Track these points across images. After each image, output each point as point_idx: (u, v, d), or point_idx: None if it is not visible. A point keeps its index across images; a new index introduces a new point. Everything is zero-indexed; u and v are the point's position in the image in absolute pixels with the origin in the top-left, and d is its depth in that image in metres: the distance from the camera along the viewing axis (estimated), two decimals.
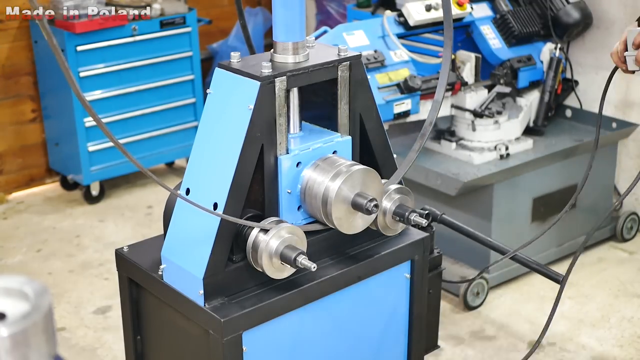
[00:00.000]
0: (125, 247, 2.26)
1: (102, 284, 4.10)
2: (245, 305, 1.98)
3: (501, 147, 3.89)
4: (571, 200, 2.66)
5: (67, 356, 3.50)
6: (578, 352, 3.54)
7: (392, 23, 3.81)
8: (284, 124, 2.00)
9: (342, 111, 2.12)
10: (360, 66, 2.12)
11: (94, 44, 4.75)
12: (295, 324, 2.10)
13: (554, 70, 4.08)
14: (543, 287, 4.00)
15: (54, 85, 4.91)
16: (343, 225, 2.04)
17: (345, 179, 1.99)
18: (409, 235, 2.32)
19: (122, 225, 4.75)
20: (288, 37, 2.03)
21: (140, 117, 5.05)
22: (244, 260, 2.03)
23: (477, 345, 3.58)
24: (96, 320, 3.79)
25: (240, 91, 1.97)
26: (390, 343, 2.36)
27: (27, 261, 4.36)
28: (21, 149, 5.16)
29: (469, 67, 3.91)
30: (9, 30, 4.95)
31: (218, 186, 1.88)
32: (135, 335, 2.28)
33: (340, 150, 2.13)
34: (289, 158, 2.03)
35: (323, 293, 2.13)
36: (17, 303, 0.93)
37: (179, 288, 2.04)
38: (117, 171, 5.06)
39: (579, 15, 4.12)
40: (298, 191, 2.06)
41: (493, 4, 4.16)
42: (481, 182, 3.74)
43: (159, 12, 4.99)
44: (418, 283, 2.34)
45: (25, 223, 4.81)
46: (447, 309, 3.81)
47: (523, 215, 3.96)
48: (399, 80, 3.65)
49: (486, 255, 3.86)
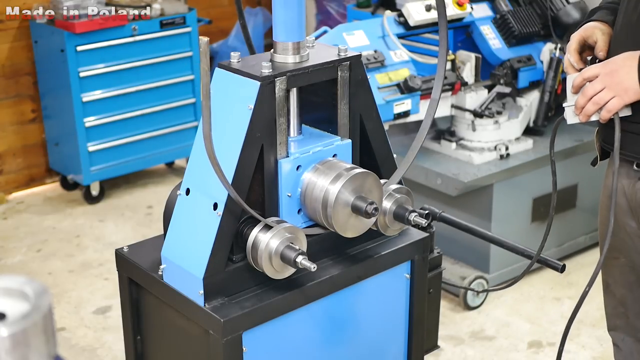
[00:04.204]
0: (125, 247, 2.26)
1: (102, 284, 4.10)
2: (245, 305, 1.98)
3: (501, 147, 3.89)
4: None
5: (67, 356, 3.50)
6: (578, 352, 3.54)
7: (392, 23, 3.81)
8: (284, 124, 2.00)
9: (342, 111, 2.12)
10: (360, 66, 2.12)
11: (94, 44, 4.75)
12: (295, 324, 2.10)
13: (554, 70, 4.08)
14: (543, 287, 4.00)
15: (54, 85, 4.91)
16: (343, 229, 2.04)
17: (345, 182, 1.99)
18: (409, 235, 2.32)
19: (122, 225, 4.76)
20: (288, 37, 2.03)
21: (140, 117, 5.06)
22: (244, 260, 2.03)
23: (477, 345, 3.58)
24: (96, 320, 3.79)
25: (240, 91, 1.97)
26: (390, 343, 2.36)
27: (27, 261, 4.36)
28: (21, 149, 5.17)
29: (469, 67, 3.91)
30: (9, 30, 4.95)
31: (218, 186, 1.88)
32: (135, 335, 2.28)
33: (340, 153, 2.13)
34: (289, 161, 2.03)
35: (323, 293, 2.13)
36: (17, 303, 0.93)
37: (179, 288, 2.04)
38: (117, 171, 5.06)
39: (579, 15, 4.12)
40: (298, 194, 2.06)
41: (493, 4, 4.16)
42: (481, 182, 3.74)
43: (159, 12, 4.99)
44: (418, 283, 2.34)
45: (25, 223, 4.81)
46: (447, 309, 3.81)
47: (523, 215, 3.96)
48: (399, 80, 3.65)
49: (486, 255, 3.86)
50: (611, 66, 2.01)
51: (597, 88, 2.02)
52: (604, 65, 2.03)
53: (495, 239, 2.69)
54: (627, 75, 1.97)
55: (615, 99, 2.00)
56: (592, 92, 2.03)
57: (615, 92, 1.99)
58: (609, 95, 2.01)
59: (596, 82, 2.02)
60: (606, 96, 2.01)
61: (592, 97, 2.03)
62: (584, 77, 2.06)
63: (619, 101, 2.00)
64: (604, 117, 2.04)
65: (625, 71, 1.98)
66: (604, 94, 2.01)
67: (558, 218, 4.06)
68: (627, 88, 1.98)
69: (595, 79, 2.03)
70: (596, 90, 2.02)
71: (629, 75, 1.97)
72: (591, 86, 2.03)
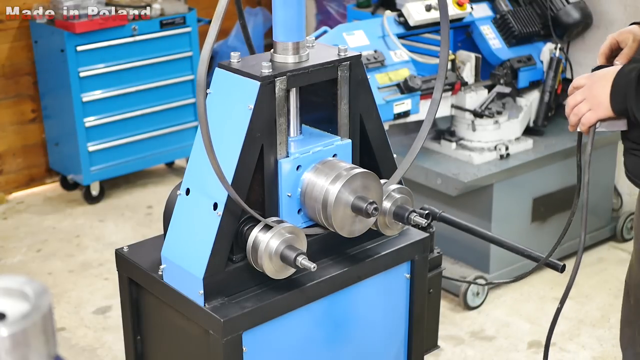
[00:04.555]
0: (125, 247, 2.26)
1: (102, 284, 4.10)
2: (245, 305, 1.98)
3: (501, 147, 3.89)
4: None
5: (67, 356, 3.50)
6: (578, 352, 3.54)
7: (392, 23, 3.81)
8: (284, 124, 2.00)
9: (342, 111, 2.12)
10: (360, 66, 2.12)
11: (94, 44, 4.75)
12: (295, 324, 2.10)
13: (554, 70, 4.08)
14: (543, 287, 4.00)
15: (54, 85, 4.91)
16: (343, 229, 2.04)
17: (345, 182, 1.99)
18: (408, 235, 2.32)
19: (122, 225, 4.76)
20: (288, 37, 2.03)
21: (140, 117, 5.06)
22: (244, 260, 2.03)
23: (477, 345, 3.58)
24: (96, 320, 3.79)
25: (240, 91, 1.97)
26: (390, 343, 2.36)
27: (27, 261, 4.36)
28: (21, 149, 5.17)
29: (469, 67, 3.91)
30: (9, 30, 4.95)
31: (218, 186, 1.88)
32: (135, 335, 2.28)
33: (340, 153, 2.13)
34: (289, 161, 2.03)
35: (323, 293, 2.13)
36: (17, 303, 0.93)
37: (179, 288, 2.04)
38: (117, 171, 5.06)
39: (579, 15, 4.12)
40: (298, 194, 2.06)
41: (493, 4, 4.16)
42: (481, 182, 3.75)
43: (159, 12, 4.99)
44: (418, 283, 2.34)
45: (25, 223, 4.81)
46: (447, 309, 3.81)
47: (523, 215, 3.96)
48: (399, 80, 3.65)
49: (486, 255, 3.86)
50: (593, 78, 1.97)
51: (577, 99, 1.98)
52: (589, 77, 1.99)
53: (495, 239, 2.69)
54: (601, 90, 1.93)
55: (589, 113, 1.96)
56: (573, 102, 2.00)
57: (590, 105, 1.95)
58: (585, 107, 1.97)
59: (578, 93, 1.99)
60: (583, 108, 1.97)
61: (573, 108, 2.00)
62: (574, 85, 2.02)
63: (593, 115, 1.95)
64: (582, 129, 2.00)
65: (601, 84, 1.94)
66: (582, 105, 1.97)
67: (558, 218, 4.06)
68: (600, 103, 1.94)
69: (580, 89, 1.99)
70: (576, 102, 1.99)
71: (603, 90, 1.93)
72: (572, 97, 2.00)
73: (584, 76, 2.02)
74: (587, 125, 1.98)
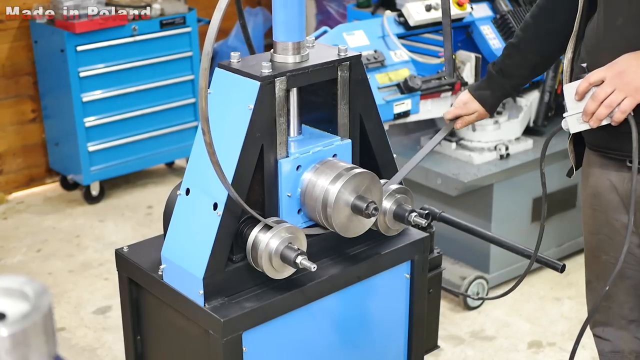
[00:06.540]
0: (125, 247, 2.26)
1: (102, 284, 4.10)
2: (245, 305, 1.98)
3: (501, 147, 3.89)
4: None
5: (67, 356, 3.50)
6: (578, 352, 3.54)
7: (392, 23, 3.81)
8: (284, 124, 2.00)
9: (342, 111, 2.12)
10: (360, 66, 2.12)
11: (94, 44, 4.75)
12: (295, 324, 2.10)
13: (554, 71, 4.08)
14: (543, 287, 4.00)
15: (54, 85, 4.91)
16: (343, 229, 2.04)
17: (345, 182, 1.99)
18: (408, 235, 2.32)
19: (122, 225, 4.76)
20: (288, 37, 2.03)
21: (140, 117, 5.05)
22: (244, 260, 2.03)
23: (477, 345, 3.58)
24: (96, 320, 3.79)
25: (240, 91, 1.97)
26: (390, 343, 2.36)
27: (27, 261, 4.36)
28: (21, 149, 5.16)
29: (469, 67, 3.91)
30: (9, 30, 4.94)
31: (218, 186, 1.88)
32: (135, 335, 2.28)
33: (340, 153, 2.13)
34: (288, 161, 2.03)
35: (323, 293, 2.13)
36: (17, 303, 0.93)
37: (179, 288, 2.04)
38: (117, 171, 5.06)
39: None
40: (298, 194, 2.06)
41: (493, 4, 4.15)
42: (481, 182, 3.74)
43: (159, 12, 4.99)
44: (418, 283, 2.34)
45: (25, 223, 4.81)
46: (447, 309, 3.81)
47: (523, 215, 3.96)
48: (399, 80, 3.65)
49: (486, 255, 3.86)
50: (617, 68, 2.00)
51: (607, 91, 2.00)
52: (609, 68, 2.02)
53: (495, 239, 2.69)
54: (635, 75, 1.97)
55: (627, 100, 1.99)
56: (603, 95, 2.01)
57: (626, 93, 1.98)
58: (620, 96, 1.99)
59: (605, 85, 2.01)
60: (618, 98, 1.99)
61: (604, 101, 2.02)
62: (590, 82, 2.04)
63: (632, 101, 1.99)
64: (618, 118, 2.02)
65: (632, 70, 1.98)
66: (615, 95, 2.00)
67: (558, 218, 4.06)
68: (637, 87, 1.97)
69: (602, 82, 2.02)
70: (607, 94, 2.01)
71: (637, 75, 1.97)
72: (601, 89, 2.01)
73: (600, 69, 2.04)
74: (627, 112, 2.01)
